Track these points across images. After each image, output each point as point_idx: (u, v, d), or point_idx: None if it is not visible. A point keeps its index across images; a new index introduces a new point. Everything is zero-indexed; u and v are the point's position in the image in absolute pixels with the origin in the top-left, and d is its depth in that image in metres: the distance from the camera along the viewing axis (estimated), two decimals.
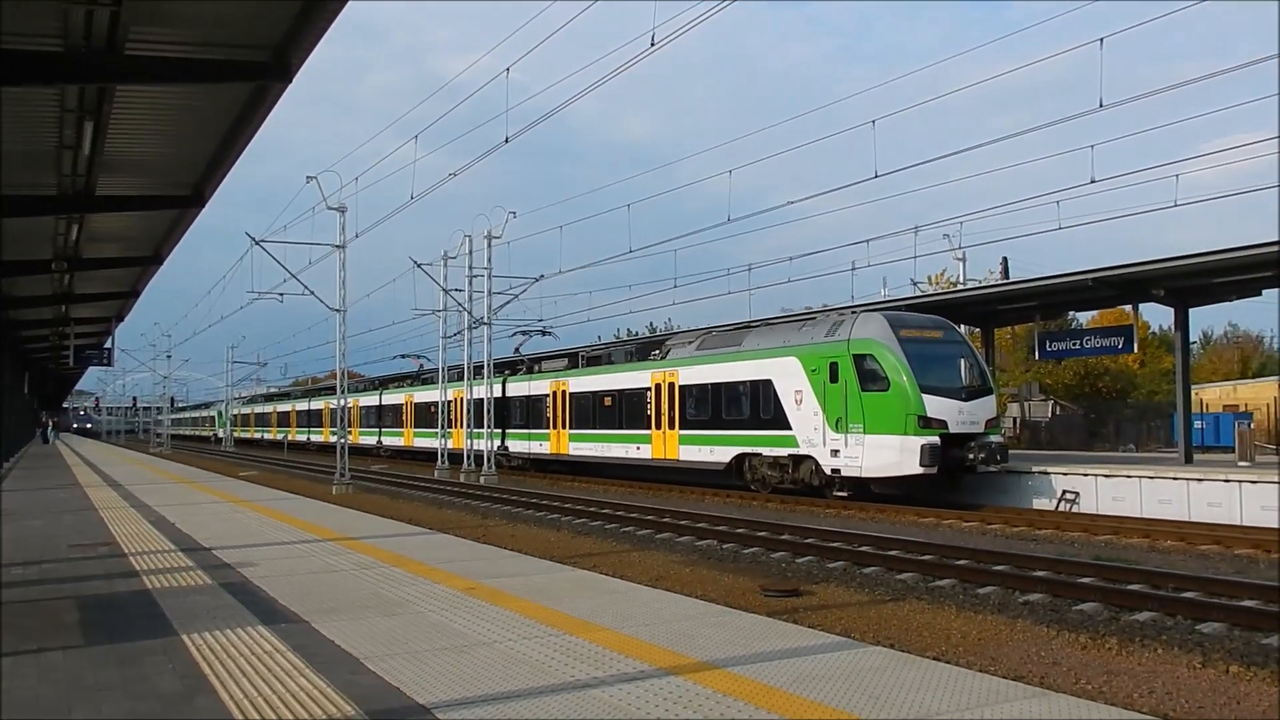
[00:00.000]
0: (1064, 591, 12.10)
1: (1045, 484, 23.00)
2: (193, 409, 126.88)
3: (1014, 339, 52.57)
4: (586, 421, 35.25)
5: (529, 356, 44.28)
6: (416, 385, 52.78)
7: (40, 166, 15.48)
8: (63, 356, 46.17)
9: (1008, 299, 28.47)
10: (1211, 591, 11.90)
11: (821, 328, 25.47)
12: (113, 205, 17.92)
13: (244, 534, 13.45)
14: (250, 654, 6.39)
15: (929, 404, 22.39)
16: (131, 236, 22.07)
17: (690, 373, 29.71)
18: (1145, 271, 22.67)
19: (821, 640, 7.02)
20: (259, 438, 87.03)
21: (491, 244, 38.08)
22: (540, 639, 6.63)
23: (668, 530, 19.08)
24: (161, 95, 12.88)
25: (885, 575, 13.86)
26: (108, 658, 6.37)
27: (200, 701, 5.34)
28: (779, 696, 5.20)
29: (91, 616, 7.80)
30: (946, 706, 5.03)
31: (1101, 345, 28.34)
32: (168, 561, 10.76)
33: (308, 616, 7.55)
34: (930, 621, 10.87)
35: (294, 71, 11.31)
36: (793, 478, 25.48)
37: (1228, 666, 8.87)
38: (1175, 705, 7.76)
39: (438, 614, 7.56)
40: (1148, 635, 10.09)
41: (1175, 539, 17.21)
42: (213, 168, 16.19)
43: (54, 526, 14.71)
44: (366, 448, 56.49)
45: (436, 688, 5.48)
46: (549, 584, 8.95)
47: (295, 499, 20.35)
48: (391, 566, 10.08)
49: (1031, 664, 8.98)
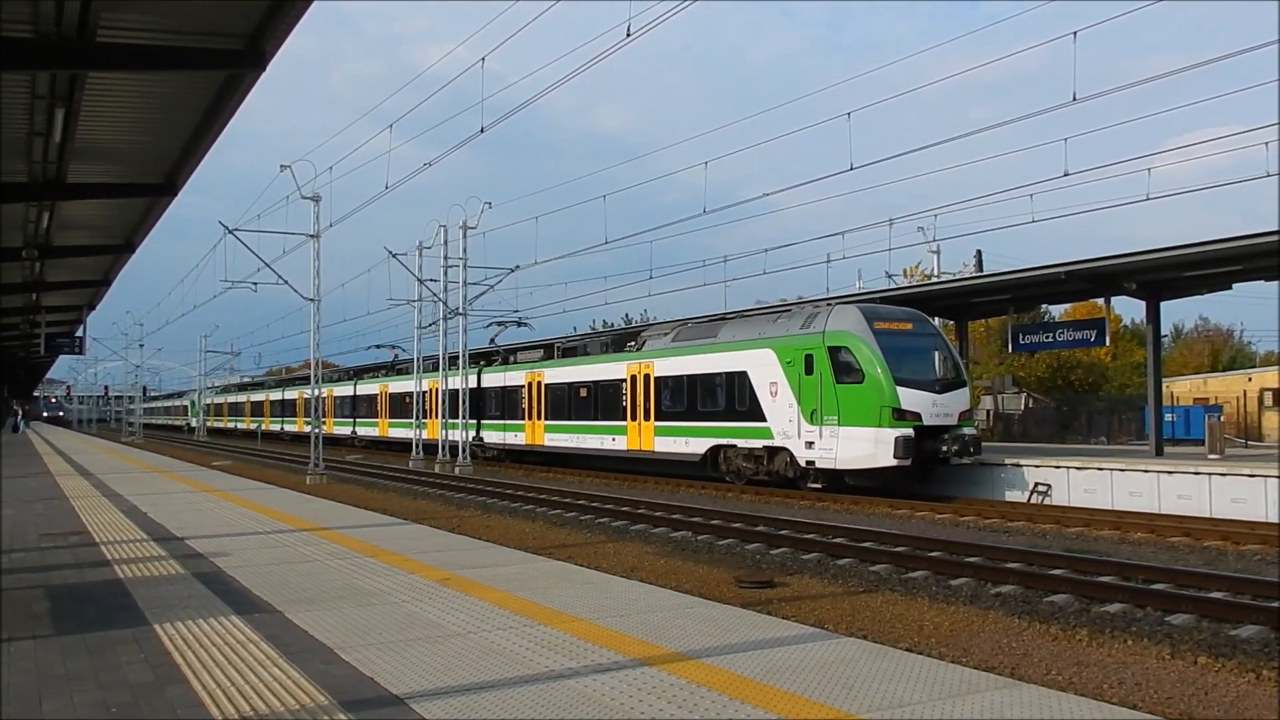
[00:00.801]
0: (1036, 583, 12.20)
1: (1018, 476, 23.19)
2: (165, 398, 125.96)
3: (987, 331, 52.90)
4: (562, 413, 35.23)
5: (504, 347, 44.19)
6: (391, 375, 52.58)
7: (10, 153, 15.29)
8: (34, 344, 45.70)
9: (981, 292, 28.64)
10: (1181, 583, 12.04)
11: (797, 320, 25.54)
12: (84, 193, 17.76)
13: (217, 524, 13.37)
14: (223, 644, 6.36)
15: (903, 396, 22.51)
16: (103, 225, 21.87)
17: (666, 364, 29.74)
18: (1117, 265, 22.85)
19: (795, 631, 7.06)
20: (232, 427, 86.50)
21: (467, 234, 38.02)
22: (515, 630, 6.64)
23: (643, 521, 19.10)
24: (133, 82, 12.75)
25: (859, 567, 13.93)
26: (79, 647, 6.33)
27: (172, 692, 5.31)
28: (752, 687, 5.22)
29: (62, 606, 7.74)
30: (919, 697, 5.07)
31: (1074, 338, 28.56)
32: (140, 551, 10.69)
33: (281, 606, 7.52)
34: (903, 613, 10.95)
35: (268, 59, 11.22)
36: (768, 469, 25.56)
37: (1196, 658, 8.98)
38: (1144, 696, 7.86)
39: (412, 604, 7.55)
40: (1118, 627, 10.20)
41: (1146, 531, 17.40)
42: (185, 156, 16.05)
43: (24, 515, 14.57)
44: (341, 438, 56.27)
45: (411, 678, 5.47)
46: (524, 575, 8.96)
47: (269, 489, 20.25)
48: (365, 557, 10.05)
49: (1003, 655, 9.06)
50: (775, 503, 23.21)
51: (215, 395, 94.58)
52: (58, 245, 22.80)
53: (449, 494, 26.34)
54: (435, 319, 40.88)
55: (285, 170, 30.43)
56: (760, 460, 25.80)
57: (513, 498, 24.32)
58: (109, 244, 23.83)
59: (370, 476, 33.25)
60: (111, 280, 30.82)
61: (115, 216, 21.00)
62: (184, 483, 21.56)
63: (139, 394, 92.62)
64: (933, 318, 27.09)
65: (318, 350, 34.86)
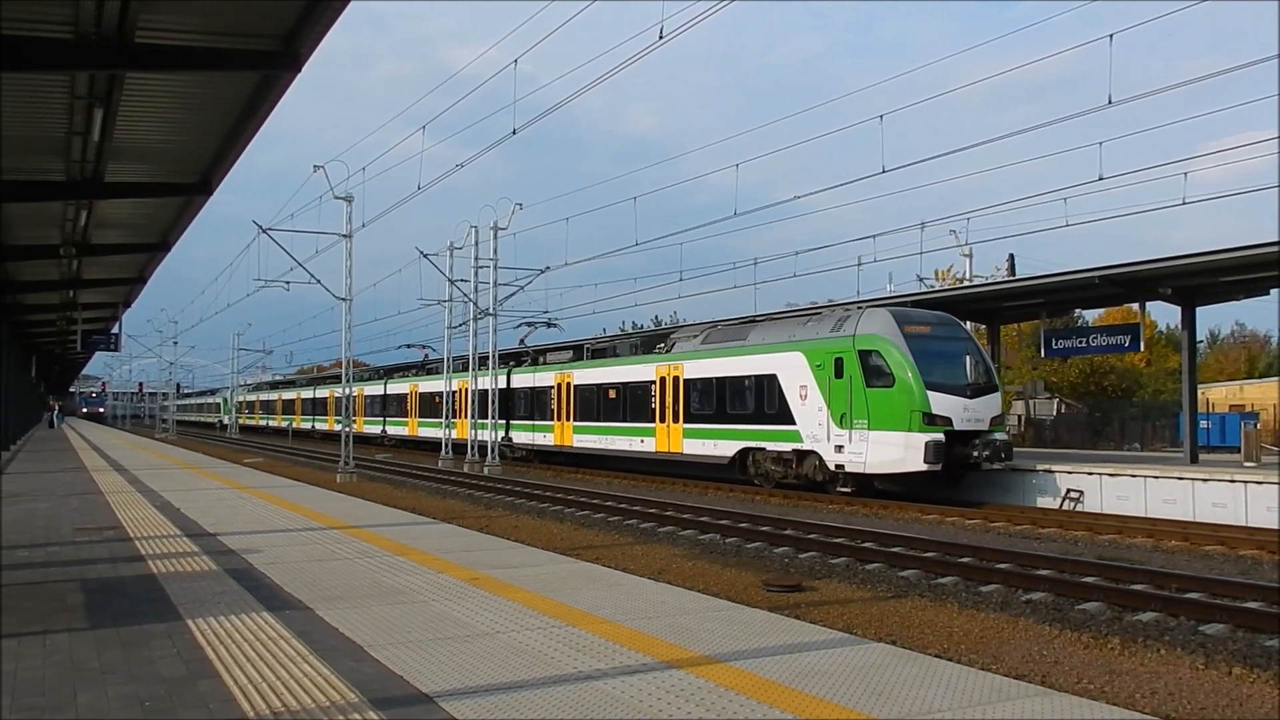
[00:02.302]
0: (1067, 590, 12.09)
1: (1049, 482, 22.99)
2: (198, 395, 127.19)
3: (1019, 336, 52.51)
4: (590, 414, 35.27)
5: (534, 348, 44.29)
6: (421, 375, 52.84)
7: (49, 152, 15.51)
8: (70, 341, 46.30)
9: (1014, 296, 28.41)
10: (1215, 593, 11.89)
11: (827, 323, 25.45)
12: (121, 192, 17.97)
13: (248, 520, 13.49)
14: (254, 640, 6.41)
15: (934, 401, 22.37)
16: (139, 223, 22.12)
17: (695, 366, 29.71)
18: (1152, 269, 22.61)
19: (824, 636, 7.03)
20: (264, 425, 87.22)
21: (497, 235, 38.11)
22: (543, 630, 6.65)
23: (670, 524, 19.09)
24: (171, 83, 12.89)
25: (888, 572, 13.86)
26: (112, 641, 6.40)
27: (204, 686, 5.36)
28: (781, 691, 5.20)
29: (96, 600, 7.83)
30: (949, 704, 5.03)
31: (1107, 343, 28.27)
32: (172, 546, 10.79)
33: (311, 604, 7.57)
34: (932, 619, 10.88)
35: (303, 61, 11.31)
36: (796, 473, 25.48)
37: (1230, 668, 8.87)
38: (1177, 706, 7.77)
39: (441, 603, 7.58)
40: (1150, 636, 10.09)
41: (1180, 539, 17.20)
42: (221, 156, 16.21)
43: (59, 509, 14.77)
44: (371, 437, 56.60)
45: (439, 676, 5.49)
46: (552, 575, 8.97)
47: (299, 486, 20.40)
48: (395, 555, 10.10)
49: (1033, 663, 8.99)
50: (804, 506, 23.13)
51: (247, 393, 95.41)
52: (95, 243, 23.10)
53: (478, 494, 26.43)
54: (465, 319, 41.04)
55: (318, 170, 30.68)
56: (789, 463, 25.72)
57: (541, 498, 24.38)
58: (145, 242, 24.10)
59: (400, 475, 33.43)
60: (147, 278, 31.17)
61: (151, 215, 21.24)
62: (216, 479, 21.77)
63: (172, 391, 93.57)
64: (964, 322, 26.93)
65: (349, 349, 35.12)
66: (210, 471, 24.88)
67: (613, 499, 23.42)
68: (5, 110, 13.35)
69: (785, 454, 25.77)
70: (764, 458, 26.63)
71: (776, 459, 26.16)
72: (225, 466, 28.26)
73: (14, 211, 19.72)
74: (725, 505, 22.69)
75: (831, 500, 23.69)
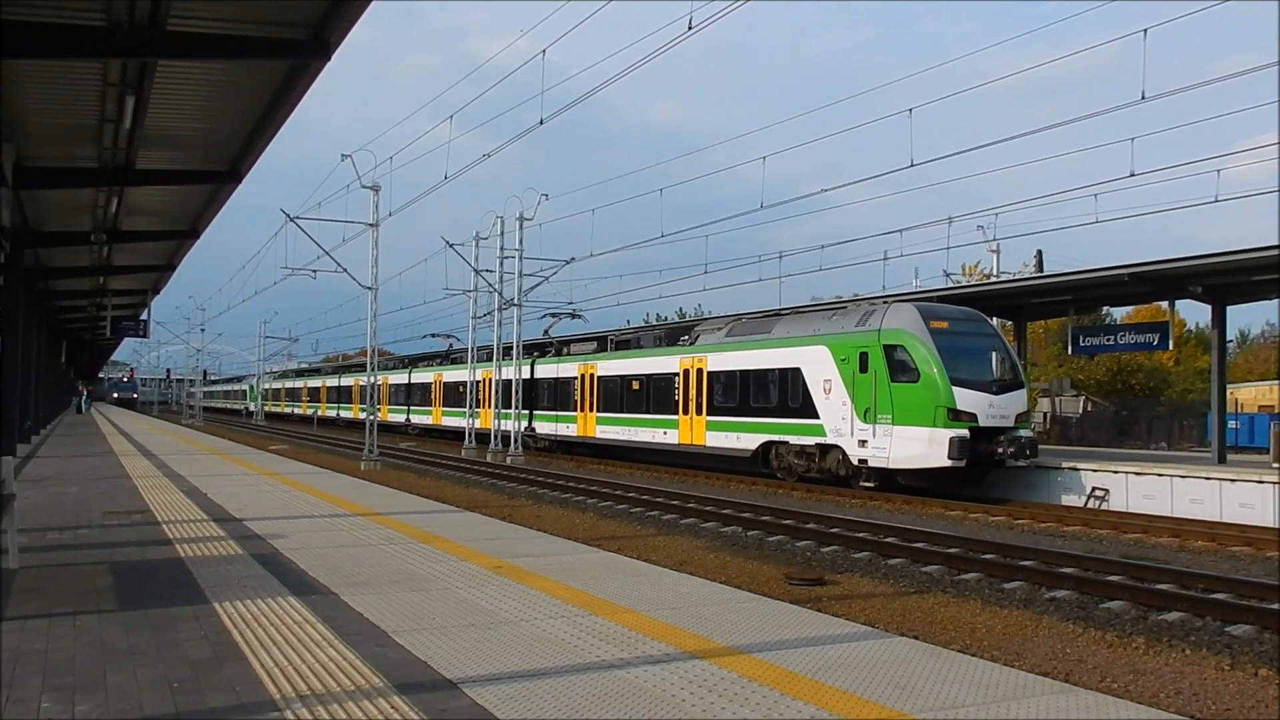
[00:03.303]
0: (1091, 589, 12.02)
1: (1074, 480, 22.83)
2: (225, 382, 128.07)
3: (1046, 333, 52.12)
4: (614, 405, 35.31)
5: (558, 339, 44.38)
6: (446, 365, 53.03)
7: (81, 139, 15.68)
8: (99, 327, 46.76)
9: (1041, 292, 28.22)
10: (1242, 594, 11.78)
11: (852, 317, 25.35)
12: (151, 179, 18.14)
13: (274, 506, 13.60)
14: (280, 624, 6.47)
15: (959, 396, 22.27)
16: (169, 210, 22.32)
17: (719, 359, 29.68)
18: (1183, 268, 22.39)
19: (846, 629, 7.03)
20: (289, 412, 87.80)
21: (523, 226, 38.20)
22: (566, 619, 6.67)
23: (692, 516, 19.10)
24: (201, 71, 13.00)
25: (910, 567, 13.82)
26: (141, 623, 6.47)
27: (230, 669, 5.41)
28: (804, 683, 5.20)
29: (125, 582, 7.92)
30: (973, 699, 5.02)
31: (1136, 341, 28.05)
32: (200, 531, 10.90)
33: (336, 589, 7.63)
34: (955, 615, 10.85)
35: (332, 50, 11.38)
36: (819, 467, 25.42)
37: (1257, 669, 8.80)
38: (1202, 707, 7.71)
39: (465, 591, 7.62)
40: (1176, 635, 10.02)
41: (1206, 539, 17.05)
42: (250, 144, 16.32)
43: (88, 493, 14.94)
44: (395, 425, 56.88)
45: (463, 663, 5.52)
46: (575, 565, 9.00)
47: (324, 473, 20.54)
48: (419, 543, 10.16)
49: (1057, 660, 8.95)
50: (826, 501, 23.08)
51: (273, 380, 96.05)
52: (125, 230, 23.32)
53: (501, 483, 26.53)
54: (490, 309, 41.16)
55: (346, 160, 30.81)
56: (812, 457, 25.67)
57: (564, 488, 24.44)
58: (174, 229, 24.32)
59: (423, 464, 33.59)
60: (176, 265, 31.45)
61: (181, 202, 21.43)
62: (242, 465, 21.94)
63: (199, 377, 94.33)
64: (991, 318, 26.75)
65: (374, 338, 35.31)
66: (236, 457, 25.08)
67: (635, 490, 23.45)
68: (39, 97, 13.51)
69: (808, 448, 25.71)
70: (787, 451, 26.58)
71: (799, 453, 26.12)
72: (251, 453, 28.48)
73: (46, 198, 19.93)
74: (747, 498, 22.67)
75: (854, 495, 23.63)
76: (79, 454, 24.76)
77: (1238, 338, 71.12)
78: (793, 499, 23.45)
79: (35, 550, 9.27)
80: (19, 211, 19.39)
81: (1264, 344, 71.96)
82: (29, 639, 6.03)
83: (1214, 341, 25.45)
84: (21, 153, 15.77)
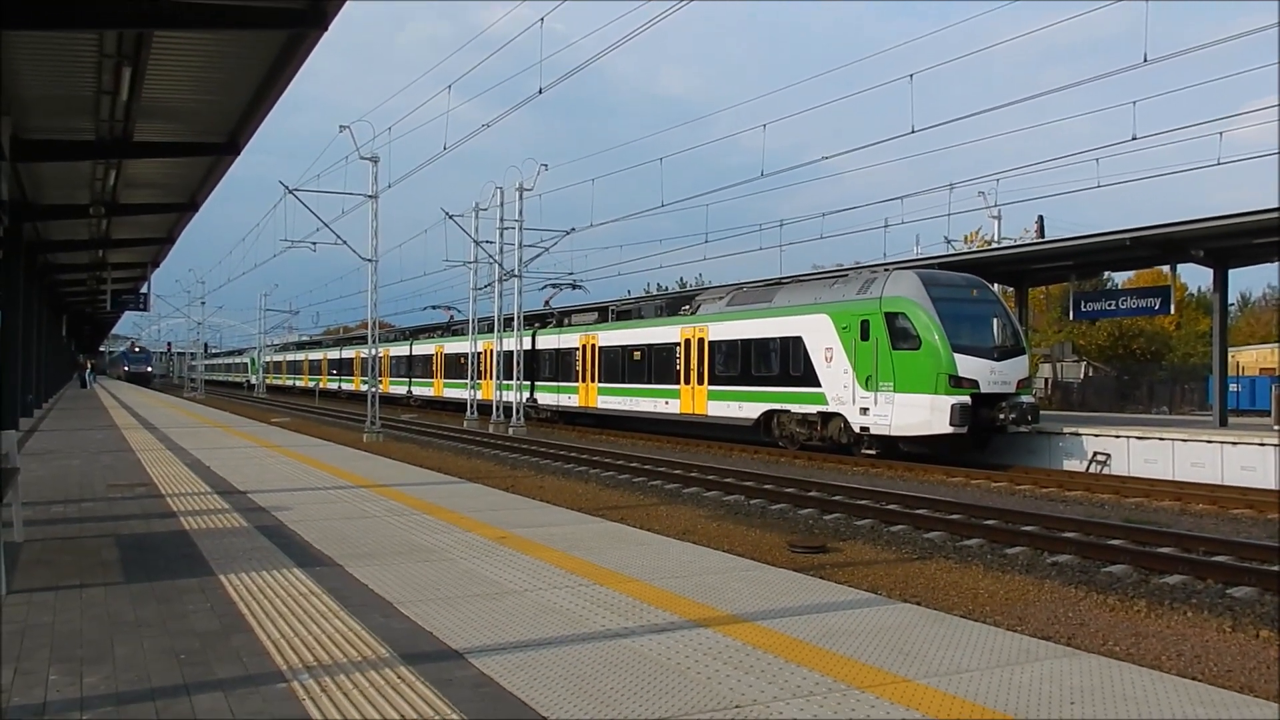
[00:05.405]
0: (1093, 553, 12.07)
1: (1076, 445, 22.87)
2: (226, 355, 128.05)
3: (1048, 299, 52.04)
4: (615, 375, 35.33)
5: (559, 309, 44.34)
6: (447, 336, 53.02)
7: (78, 111, 15.57)
8: (99, 301, 46.72)
9: (1042, 258, 28.14)
10: (1244, 556, 11.83)
11: (853, 285, 25.31)
12: (149, 151, 18.03)
13: (277, 478, 13.62)
14: (285, 595, 6.49)
15: (960, 363, 22.27)
16: (168, 183, 22.23)
17: (720, 328, 29.67)
18: (1185, 231, 22.31)
19: (849, 596, 7.05)
20: (291, 385, 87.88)
21: (523, 196, 38.10)
22: (571, 588, 6.69)
23: (695, 485, 19.15)
24: (199, 41, 12.89)
25: (913, 534, 13.87)
26: (147, 595, 6.50)
27: (237, 640, 5.43)
28: (808, 650, 5.23)
29: (130, 555, 7.94)
30: (976, 663, 5.04)
31: (1137, 306, 28.01)
32: (204, 504, 10.92)
33: (341, 560, 7.65)
34: (957, 580, 10.90)
35: (330, 19, 11.28)
36: (821, 435, 25.47)
37: (1258, 631, 8.85)
38: (1204, 668, 7.76)
39: (469, 561, 7.64)
40: (1177, 598, 10.07)
41: (1207, 502, 17.11)
42: (248, 115, 16.22)
43: (92, 466, 14.96)
44: (397, 397, 56.94)
45: (469, 633, 5.54)
46: (578, 535, 9.02)
47: (327, 445, 20.57)
48: (422, 514, 10.18)
49: (1059, 624, 8.99)
50: (828, 468, 23.14)
51: (274, 353, 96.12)
52: (123, 203, 23.23)
53: (503, 454, 26.58)
54: (491, 280, 41.10)
55: (344, 131, 30.71)
56: (814, 425, 25.71)
57: (566, 459, 24.49)
58: (173, 202, 24.23)
59: (426, 435, 33.66)
60: (175, 238, 31.35)
61: (179, 175, 21.33)
62: (245, 438, 21.98)
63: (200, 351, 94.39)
64: (992, 284, 26.70)
65: (375, 310, 35.31)
66: (239, 430, 25.12)
67: (637, 460, 23.50)
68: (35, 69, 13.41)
69: (810, 416, 25.75)
70: (789, 420, 26.62)
71: (801, 421, 26.15)
72: (253, 425, 28.52)
73: (44, 171, 19.84)
74: (750, 467, 22.73)
75: (856, 462, 23.69)
76: (82, 428, 24.79)
77: (1239, 301, 71.20)
78: (795, 467, 23.50)
79: (40, 524, 9.29)
80: (17, 185, 19.31)
81: (1265, 307, 71.93)
82: (36, 612, 6.05)
83: (1215, 305, 25.42)
84: (18, 125, 15.67)
